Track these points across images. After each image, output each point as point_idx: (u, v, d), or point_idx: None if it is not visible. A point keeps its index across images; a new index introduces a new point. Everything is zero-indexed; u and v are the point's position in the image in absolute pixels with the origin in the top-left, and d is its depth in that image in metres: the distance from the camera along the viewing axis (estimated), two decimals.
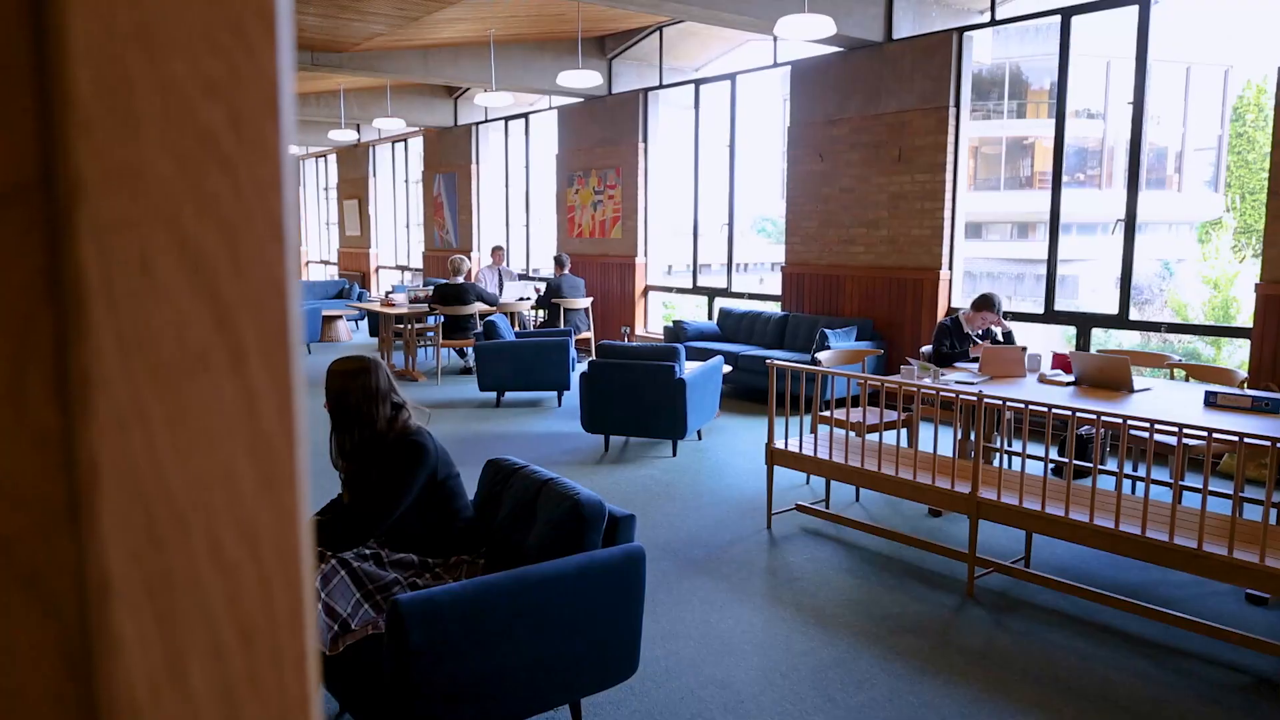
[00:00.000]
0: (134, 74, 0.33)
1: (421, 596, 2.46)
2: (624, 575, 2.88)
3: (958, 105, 7.74)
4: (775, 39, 9.25)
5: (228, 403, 0.36)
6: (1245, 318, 14.60)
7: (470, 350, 10.03)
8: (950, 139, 7.75)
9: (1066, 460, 4.07)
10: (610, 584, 2.84)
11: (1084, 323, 7.37)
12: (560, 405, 8.50)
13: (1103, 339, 9.74)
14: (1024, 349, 5.34)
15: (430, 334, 10.26)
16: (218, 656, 0.37)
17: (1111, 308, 7.10)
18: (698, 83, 10.65)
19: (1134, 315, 7.12)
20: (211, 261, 0.35)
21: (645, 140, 11.22)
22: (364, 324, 14.65)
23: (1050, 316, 7.49)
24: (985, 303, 5.78)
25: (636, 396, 6.54)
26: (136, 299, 0.34)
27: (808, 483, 5.85)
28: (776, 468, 5.11)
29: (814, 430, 5.32)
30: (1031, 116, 26.40)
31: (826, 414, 5.60)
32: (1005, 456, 5.60)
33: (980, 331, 5.91)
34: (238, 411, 0.36)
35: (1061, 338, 11.20)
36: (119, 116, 0.33)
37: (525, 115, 13.59)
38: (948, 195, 7.83)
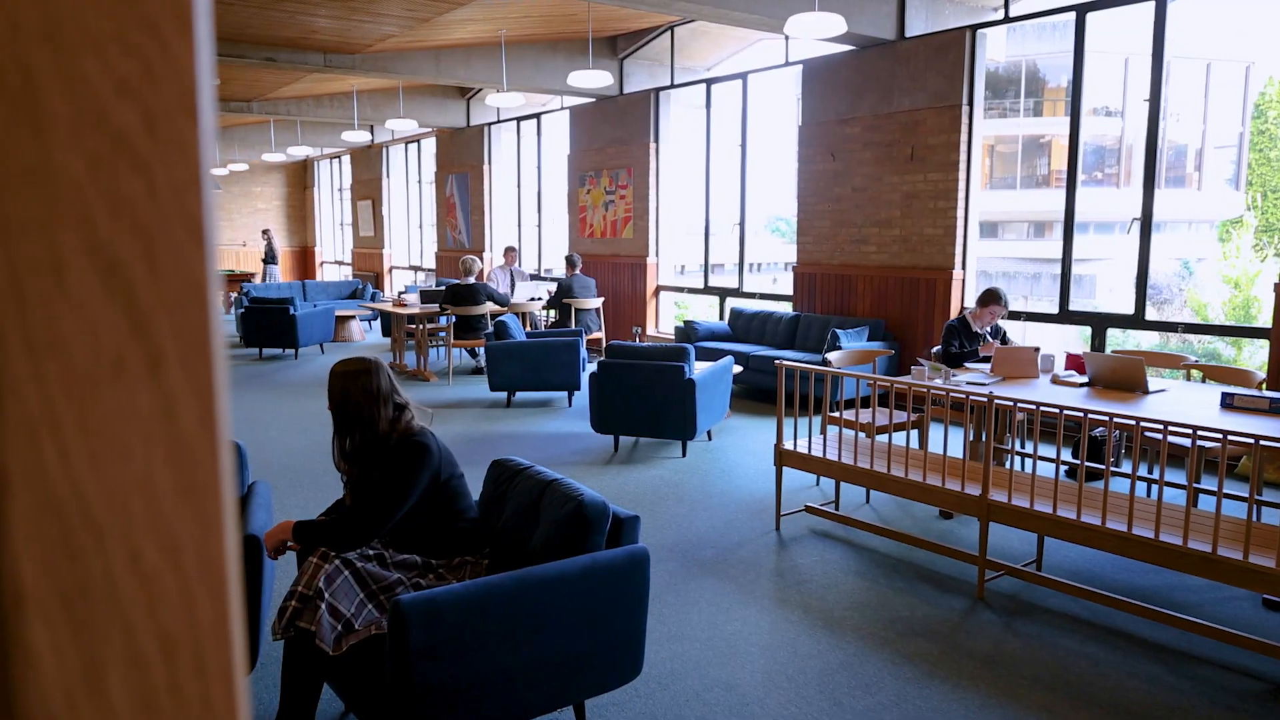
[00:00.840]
0: (41, 73, 0.32)
1: (422, 597, 2.45)
2: (627, 577, 2.87)
3: (971, 104, 7.69)
4: (787, 38, 9.22)
5: (145, 410, 0.35)
6: (1266, 317, 14.45)
7: (481, 350, 10.05)
8: (963, 137, 7.70)
9: (1079, 462, 4.03)
10: (614, 585, 2.83)
11: (1099, 323, 7.31)
12: (571, 405, 8.49)
13: (1121, 339, 9.66)
14: (1037, 350, 5.30)
15: (442, 334, 10.28)
16: (137, 667, 0.36)
17: (1129, 308, 7.04)
18: (709, 82, 10.63)
19: (1152, 315, 7.05)
20: (126, 265, 0.34)
21: (656, 140, 11.21)
22: (377, 324, 14.71)
23: (1065, 316, 7.43)
24: (991, 297, 5.74)
25: (646, 397, 6.53)
26: (47, 303, 0.33)
27: (818, 484, 5.83)
28: (787, 469, 5.09)
29: (824, 431, 5.30)
30: (1048, 114, 26.23)
31: (837, 415, 5.57)
32: (1018, 458, 5.56)
33: (990, 328, 5.87)
34: (156, 418, 0.35)
35: (1079, 338, 11.10)
36: (26, 116, 0.32)
37: (537, 115, 13.61)
38: (961, 194, 7.79)
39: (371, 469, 2.78)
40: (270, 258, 18.52)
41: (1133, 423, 3.76)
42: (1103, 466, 4.47)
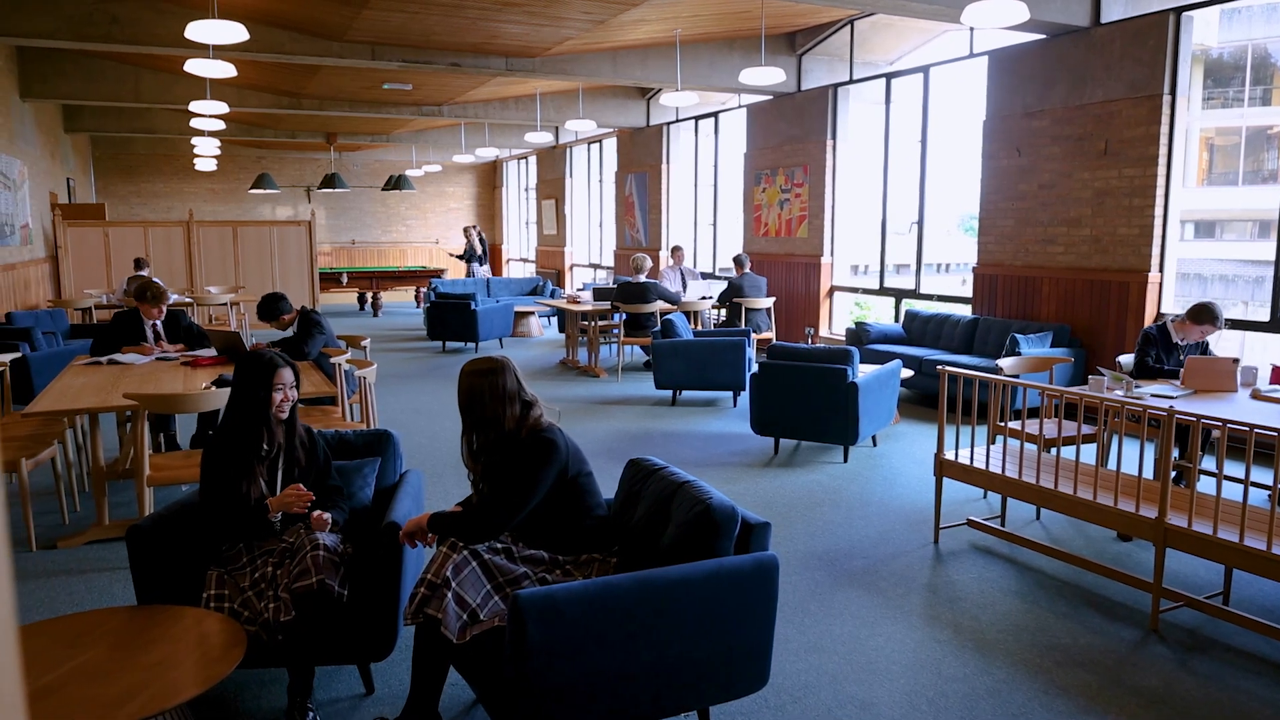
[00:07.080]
0: None
1: (541, 593, 2.49)
2: (755, 584, 2.81)
3: (1173, 93, 7.07)
4: (971, 29, 8.80)
5: None
6: None
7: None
8: (1164, 129, 7.09)
9: (1274, 487, 3.63)
10: (739, 593, 2.78)
11: None
12: (735, 406, 8.44)
13: None
14: (1235, 361, 4.81)
15: (614, 331, 10.47)
16: None
17: None
18: (889, 76, 10.29)
19: None
20: None
21: (834, 137, 10.96)
22: (555, 320, 15.14)
23: (1277, 325, 6.71)
24: (1206, 314, 5.15)
25: (807, 400, 6.39)
26: None
27: (985, 497, 5.53)
28: (954, 481, 4.85)
29: (991, 442, 5.02)
30: (1279, 104, 23.73)
31: (1005, 425, 5.26)
32: (1209, 480, 5.06)
33: (1192, 342, 5.33)
34: None
35: None
36: None
37: (715, 114, 13.61)
38: (1160, 190, 7.18)
39: (499, 465, 2.85)
40: (472, 256, 17.26)
41: None
42: None
